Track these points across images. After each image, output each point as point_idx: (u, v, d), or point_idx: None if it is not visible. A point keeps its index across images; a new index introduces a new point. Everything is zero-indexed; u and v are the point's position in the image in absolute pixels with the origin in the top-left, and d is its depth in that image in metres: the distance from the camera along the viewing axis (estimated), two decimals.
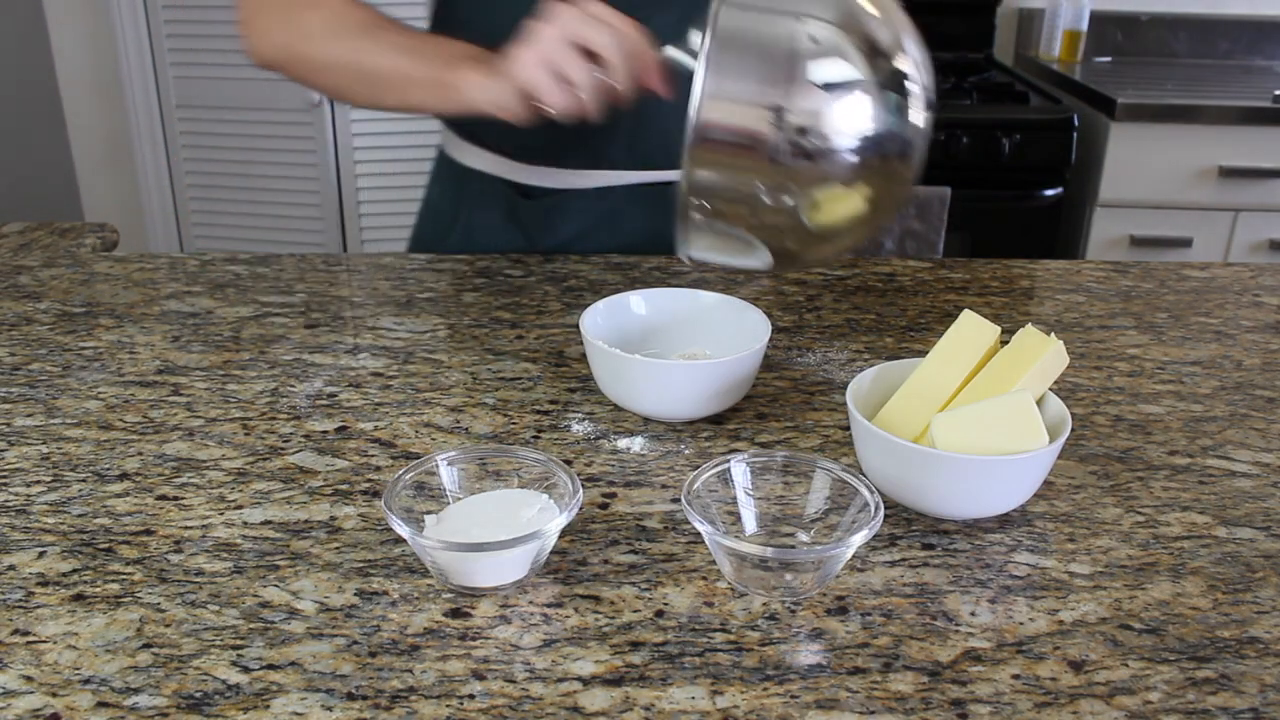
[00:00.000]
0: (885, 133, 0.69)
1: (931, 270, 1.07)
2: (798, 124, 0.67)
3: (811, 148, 0.68)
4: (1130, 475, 0.70)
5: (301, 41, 0.89)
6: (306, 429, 0.74)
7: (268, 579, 0.58)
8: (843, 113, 0.68)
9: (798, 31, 0.68)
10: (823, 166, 0.69)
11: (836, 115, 0.68)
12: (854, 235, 0.75)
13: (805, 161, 0.68)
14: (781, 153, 0.67)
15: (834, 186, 0.70)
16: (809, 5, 0.69)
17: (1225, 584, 0.59)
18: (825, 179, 0.70)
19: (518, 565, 0.57)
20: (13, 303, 0.97)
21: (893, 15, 0.71)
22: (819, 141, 0.68)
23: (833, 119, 0.68)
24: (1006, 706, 0.49)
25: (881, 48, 0.69)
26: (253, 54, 0.93)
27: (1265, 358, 0.88)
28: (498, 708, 0.49)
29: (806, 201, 0.70)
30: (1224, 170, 2.12)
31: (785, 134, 0.67)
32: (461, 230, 1.11)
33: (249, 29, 0.92)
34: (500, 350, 0.87)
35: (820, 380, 0.82)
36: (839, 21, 0.69)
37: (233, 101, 2.48)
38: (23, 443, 0.72)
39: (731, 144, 0.68)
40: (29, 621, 0.54)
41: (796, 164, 0.68)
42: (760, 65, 0.68)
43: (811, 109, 0.67)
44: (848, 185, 0.70)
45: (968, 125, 2.14)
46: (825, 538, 0.61)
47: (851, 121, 0.68)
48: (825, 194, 0.70)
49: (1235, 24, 2.63)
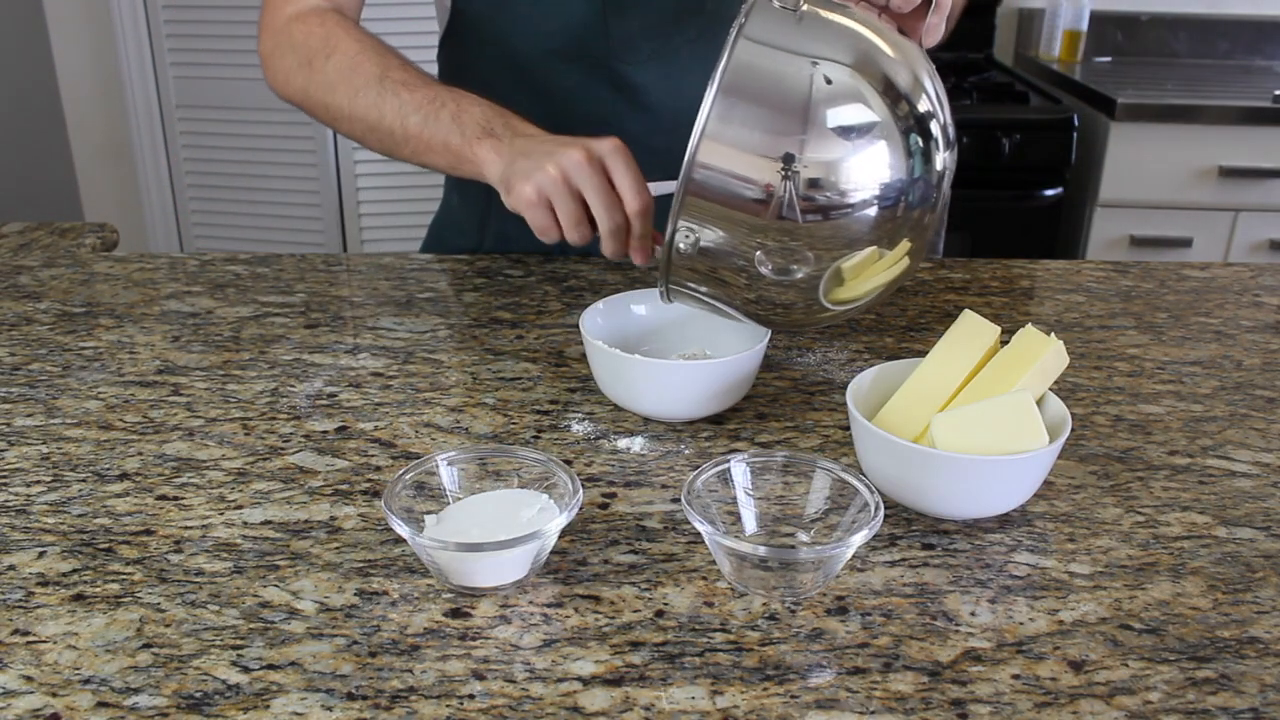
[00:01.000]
0: (908, 180, 0.63)
1: (931, 270, 1.07)
2: (810, 175, 0.61)
3: (825, 201, 0.62)
4: (1130, 475, 0.70)
5: (321, 91, 0.90)
6: (306, 429, 0.74)
7: (268, 579, 0.58)
8: (861, 161, 0.62)
9: (814, 74, 0.62)
10: (839, 223, 0.62)
11: (854, 164, 0.62)
12: (870, 299, 0.69)
13: (818, 217, 0.62)
14: (789, 206, 0.61)
15: (852, 247, 0.64)
16: (826, 47, 0.64)
17: (1225, 584, 0.59)
18: (841, 239, 0.63)
19: (518, 565, 0.57)
20: (13, 303, 0.97)
21: (909, 54, 0.66)
22: (834, 195, 0.61)
23: (850, 168, 0.62)
24: (1006, 706, 0.49)
25: (901, 90, 0.64)
26: (274, 90, 0.95)
27: (1265, 358, 0.88)
28: (498, 708, 0.49)
29: (817, 265, 0.64)
30: (1224, 170, 2.12)
31: (794, 185, 0.61)
32: (494, 238, 1.11)
33: (270, 68, 0.94)
34: (500, 350, 0.87)
35: (820, 380, 0.82)
36: (856, 63, 0.63)
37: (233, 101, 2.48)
38: (23, 443, 0.72)
39: (731, 192, 0.62)
40: (29, 621, 0.54)
41: (808, 220, 0.62)
42: (772, 109, 0.62)
43: (827, 158, 0.61)
44: (867, 244, 0.64)
45: (968, 125, 2.14)
46: (825, 538, 0.61)
47: (871, 171, 0.62)
48: (840, 257, 0.64)
49: (1235, 24, 2.63)
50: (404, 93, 0.85)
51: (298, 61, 0.91)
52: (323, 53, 0.89)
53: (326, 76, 0.88)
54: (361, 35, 0.92)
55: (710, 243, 0.65)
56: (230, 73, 2.44)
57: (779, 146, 0.62)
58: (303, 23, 0.92)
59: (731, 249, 0.65)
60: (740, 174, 0.62)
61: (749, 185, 0.62)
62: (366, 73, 0.87)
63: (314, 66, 0.89)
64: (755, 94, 0.63)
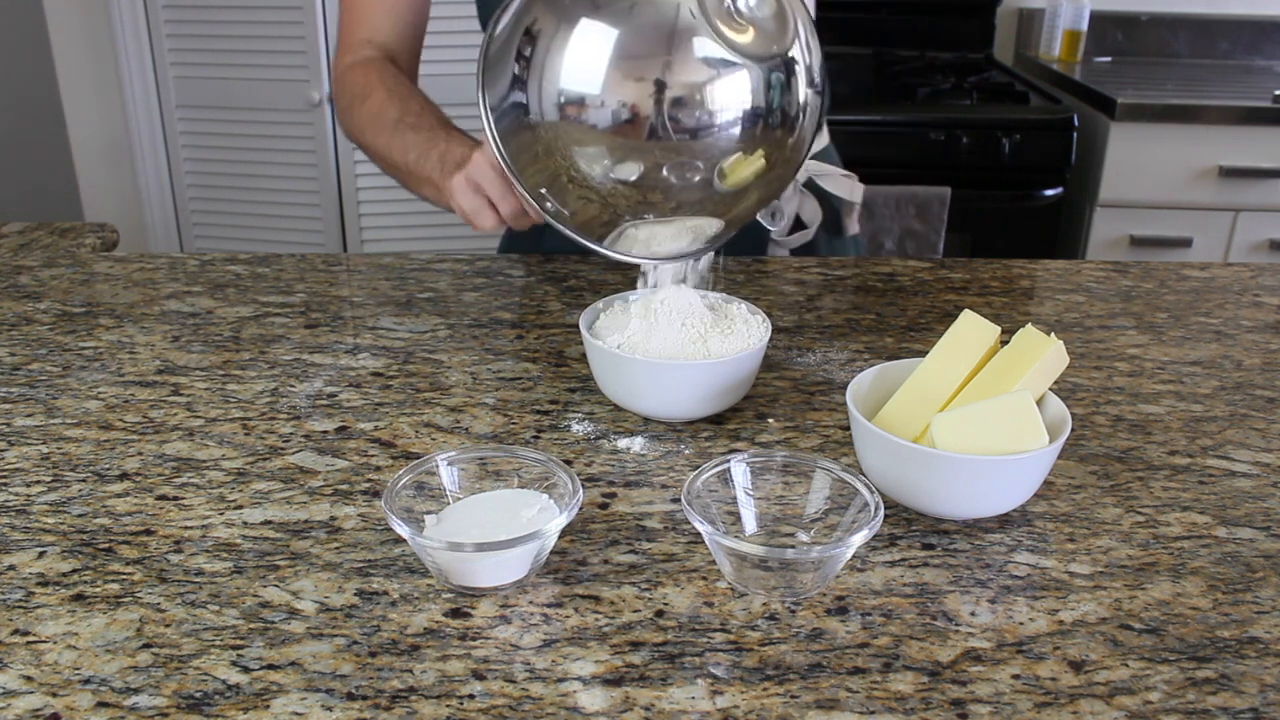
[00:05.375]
0: (768, 107, 0.72)
1: (931, 270, 1.07)
2: (674, 95, 0.70)
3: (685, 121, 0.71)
4: (1130, 475, 0.70)
5: (357, 131, 1.06)
6: (306, 429, 0.74)
7: (268, 579, 0.58)
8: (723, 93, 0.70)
9: (683, 5, 0.70)
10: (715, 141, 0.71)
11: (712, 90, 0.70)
12: (762, 191, 0.77)
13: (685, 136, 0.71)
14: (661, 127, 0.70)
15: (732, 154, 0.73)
16: None
17: (1225, 584, 0.59)
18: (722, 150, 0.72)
19: (518, 565, 0.57)
20: (13, 303, 0.97)
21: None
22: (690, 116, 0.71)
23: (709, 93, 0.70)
24: (1006, 706, 0.49)
25: (768, 31, 0.72)
26: (333, 86, 1.11)
27: (1265, 358, 0.88)
28: (498, 708, 0.49)
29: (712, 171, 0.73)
30: (1224, 170, 2.12)
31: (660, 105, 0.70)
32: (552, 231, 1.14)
33: (344, 74, 1.09)
34: (500, 350, 0.87)
35: (820, 380, 0.82)
36: None
37: (233, 101, 2.48)
38: (23, 443, 0.72)
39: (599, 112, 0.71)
40: (29, 621, 0.54)
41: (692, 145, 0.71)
42: (642, 36, 0.71)
43: (690, 81, 0.70)
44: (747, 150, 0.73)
45: (968, 125, 2.14)
46: (825, 538, 0.61)
47: (733, 98, 0.71)
48: (730, 161, 0.73)
49: (1235, 24, 2.63)
50: (410, 134, 0.97)
51: (346, 104, 1.07)
52: (360, 98, 1.04)
53: (360, 120, 1.04)
54: (394, 84, 1.03)
55: None
56: (230, 73, 2.44)
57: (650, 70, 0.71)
58: (352, 71, 1.07)
59: None
60: None
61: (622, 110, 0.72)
62: (387, 117, 1.00)
63: (354, 110, 1.05)
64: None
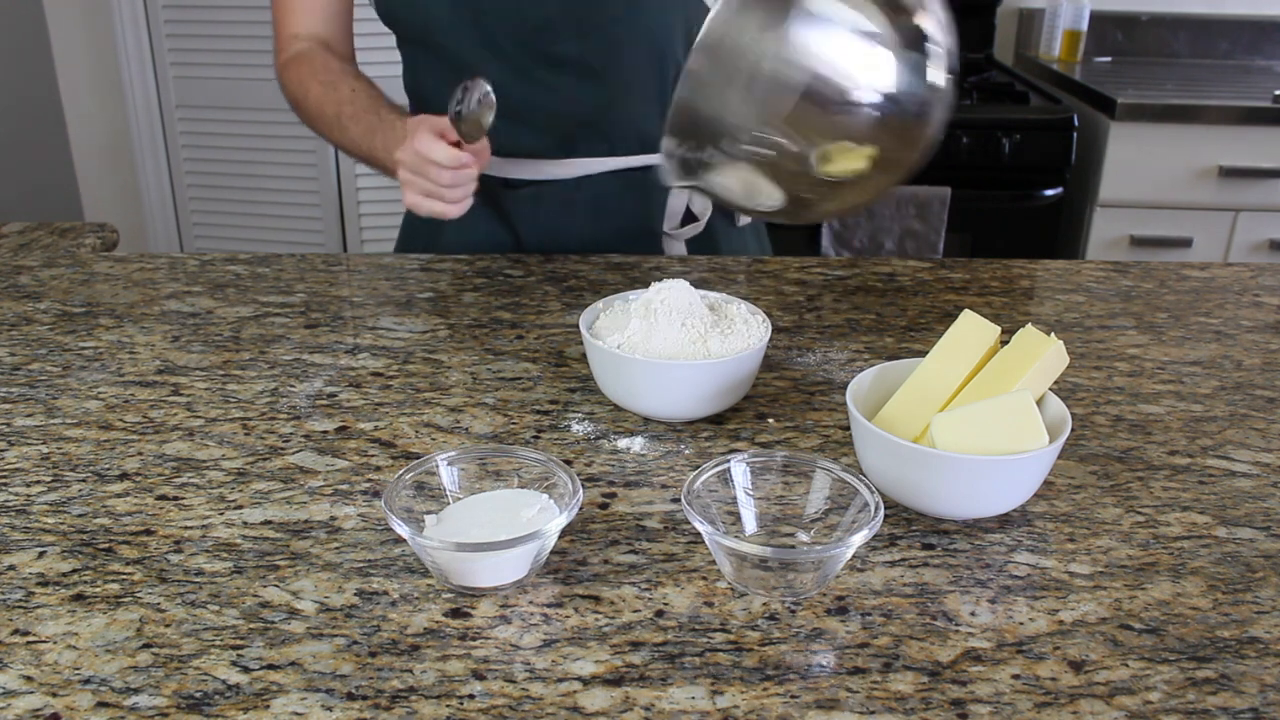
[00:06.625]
0: (902, 91, 0.68)
1: (931, 270, 1.07)
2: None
3: (824, 96, 0.67)
4: (1130, 475, 0.70)
5: (310, 125, 1.12)
6: (306, 429, 0.74)
7: (268, 579, 0.58)
8: (859, 65, 0.68)
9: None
10: (834, 117, 0.68)
11: (852, 66, 0.67)
12: (859, 194, 0.74)
13: (816, 109, 0.68)
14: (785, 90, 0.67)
15: (843, 138, 0.70)
16: None
17: (1225, 584, 0.59)
18: (835, 130, 0.69)
19: (518, 565, 0.57)
20: (13, 303, 0.97)
21: None
22: (832, 92, 0.67)
23: (848, 69, 0.67)
24: (1006, 706, 0.49)
25: (904, 5, 0.69)
26: (282, 91, 1.14)
27: (1265, 358, 0.88)
28: (498, 708, 0.49)
29: (813, 149, 0.70)
30: (1224, 170, 2.12)
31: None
32: (453, 228, 1.12)
33: (281, 75, 1.13)
34: (500, 350, 0.87)
35: (820, 380, 0.82)
36: None
37: (233, 101, 2.48)
38: (23, 443, 0.72)
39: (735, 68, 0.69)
40: (29, 621, 0.54)
41: (807, 109, 0.68)
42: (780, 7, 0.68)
43: (827, 57, 0.67)
44: (859, 139, 0.70)
45: (968, 125, 2.14)
46: (825, 538, 0.61)
47: (868, 75, 0.68)
48: (835, 145, 0.70)
49: (1235, 24, 2.63)
50: (350, 128, 1.05)
51: (291, 105, 1.13)
52: (300, 99, 1.10)
53: (309, 118, 1.11)
54: (325, 75, 1.08)
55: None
56: (230, 73, 2.44)
57: None
58: (286, 71, 1.12)
59: None
60: None
61: None
62: (327, 115, 1.07)
63: (300, 110, 1.11)
64: None
